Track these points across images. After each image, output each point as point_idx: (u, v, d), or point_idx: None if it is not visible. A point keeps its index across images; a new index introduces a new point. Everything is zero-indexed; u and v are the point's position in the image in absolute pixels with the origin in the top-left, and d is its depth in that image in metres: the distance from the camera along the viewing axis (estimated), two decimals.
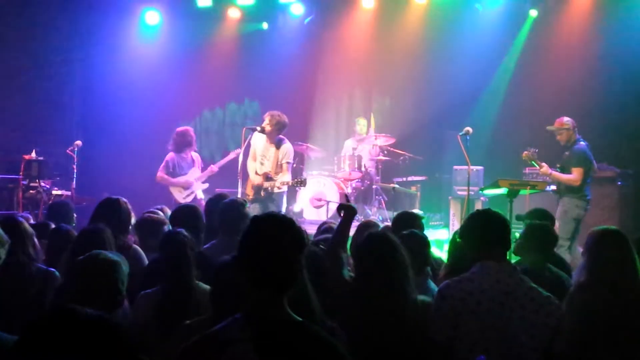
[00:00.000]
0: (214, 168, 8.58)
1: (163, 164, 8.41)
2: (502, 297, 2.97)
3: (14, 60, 10.13)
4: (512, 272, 3.07)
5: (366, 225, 4.79)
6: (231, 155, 8.67)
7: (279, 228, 1.99)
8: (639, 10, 9.51)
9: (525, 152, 7.41)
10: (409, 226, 4.26)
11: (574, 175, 7.18)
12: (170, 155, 8.43)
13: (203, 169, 8.57)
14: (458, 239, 3.59)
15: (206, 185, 8.60)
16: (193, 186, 8.42)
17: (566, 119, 7.43)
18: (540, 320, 2.95)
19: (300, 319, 1.97)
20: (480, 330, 2.94)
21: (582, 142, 7.34)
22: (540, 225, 4.23)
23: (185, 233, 3.55)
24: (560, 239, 7.06)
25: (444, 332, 3.00)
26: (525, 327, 2.93)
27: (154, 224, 4.59)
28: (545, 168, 7.38)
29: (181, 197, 8.33)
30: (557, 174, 7.32)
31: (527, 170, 8.92)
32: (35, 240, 3.89)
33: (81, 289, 2.68)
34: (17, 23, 10.13)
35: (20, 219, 3.96)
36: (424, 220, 4.95)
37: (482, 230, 3.14)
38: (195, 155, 8.63)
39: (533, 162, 7.44)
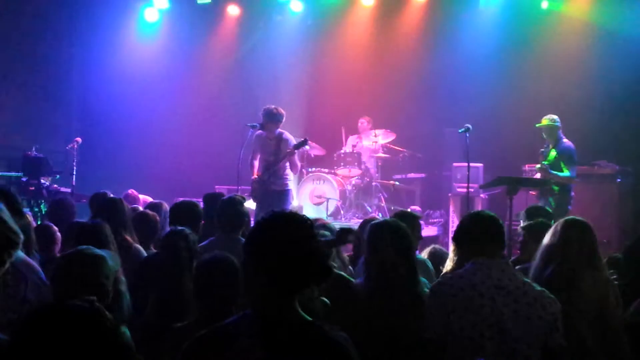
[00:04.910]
0: None
1: None
2: (494, 291, 2.94)
3: (13, 57, 10.12)
4: (505, 267, 3.05)
5: (369, 223, 4.78)
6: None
7: (290, 226, 1.97)
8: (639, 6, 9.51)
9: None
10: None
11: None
12: None
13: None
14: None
15: None
16: None
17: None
18: (534, 315, 2.90)
19: (310, 319, 1.95)
20: (473, 326, 2.91)
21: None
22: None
23: (187, 232, 3.62)
24: None
25: (436, 330, 2.99)
26: (519, 321, 2.89)
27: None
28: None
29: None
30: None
31: (526, 168, 8.90)
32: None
33: (64, 284, 2.68)
34: (17, 21, 10.12)
35: None
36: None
37: (475, 230, 3.13)
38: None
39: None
